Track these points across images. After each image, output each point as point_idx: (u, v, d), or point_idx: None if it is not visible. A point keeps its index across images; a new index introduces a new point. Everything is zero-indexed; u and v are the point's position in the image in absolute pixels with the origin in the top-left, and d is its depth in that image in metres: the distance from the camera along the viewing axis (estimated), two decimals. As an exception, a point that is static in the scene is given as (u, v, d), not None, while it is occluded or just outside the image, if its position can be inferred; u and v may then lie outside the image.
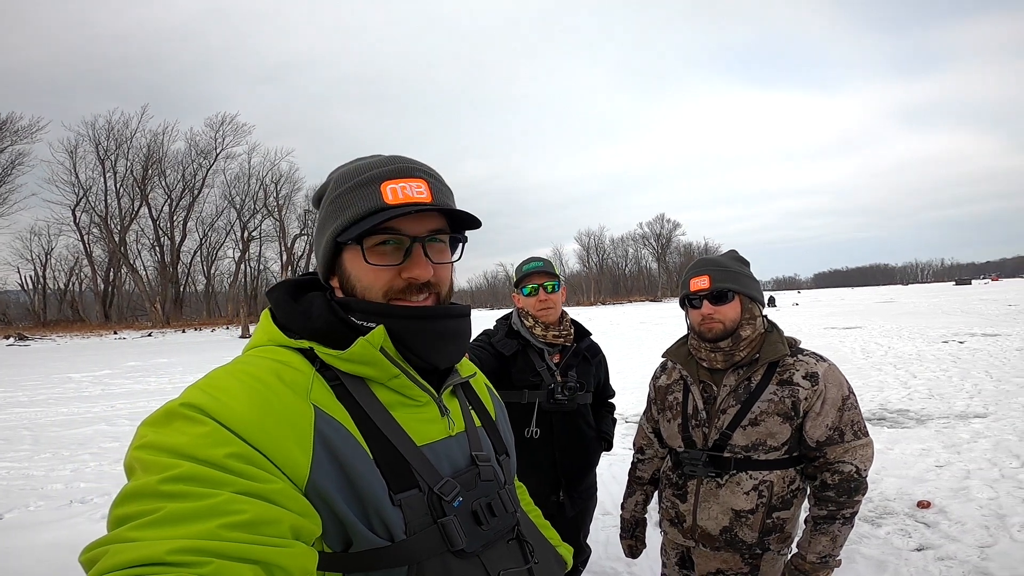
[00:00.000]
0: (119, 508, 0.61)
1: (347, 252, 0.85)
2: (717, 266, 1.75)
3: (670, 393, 1.87)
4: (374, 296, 0.83)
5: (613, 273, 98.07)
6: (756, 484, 1.67)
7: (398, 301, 0.84)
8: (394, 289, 0.84)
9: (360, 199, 0.82)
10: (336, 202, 0.84)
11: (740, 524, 1.68)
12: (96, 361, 17.18)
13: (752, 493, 1.67)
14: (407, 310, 0.83)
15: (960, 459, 4.86)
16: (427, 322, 0.84)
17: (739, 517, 1.68)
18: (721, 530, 1.70)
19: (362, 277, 0.84)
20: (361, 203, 0.82)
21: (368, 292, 0.84)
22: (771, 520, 1.67)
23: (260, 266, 50.03)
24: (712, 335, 1.72)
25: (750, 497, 1.67)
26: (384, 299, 0.83)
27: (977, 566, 3.08)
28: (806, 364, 1.70)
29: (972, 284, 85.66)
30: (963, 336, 13.72)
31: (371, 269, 0.83)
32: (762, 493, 1.67)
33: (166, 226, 43.91)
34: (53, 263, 43.42)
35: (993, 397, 7.09)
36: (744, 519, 1.68)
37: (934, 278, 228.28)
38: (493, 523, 0.85)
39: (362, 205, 0.82)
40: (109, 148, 40.36)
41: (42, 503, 4.60)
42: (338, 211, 0.84)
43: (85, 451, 6.24)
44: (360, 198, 0.82)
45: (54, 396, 10.33)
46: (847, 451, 1.64)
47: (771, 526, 1.68)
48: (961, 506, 3.88)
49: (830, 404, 1.65)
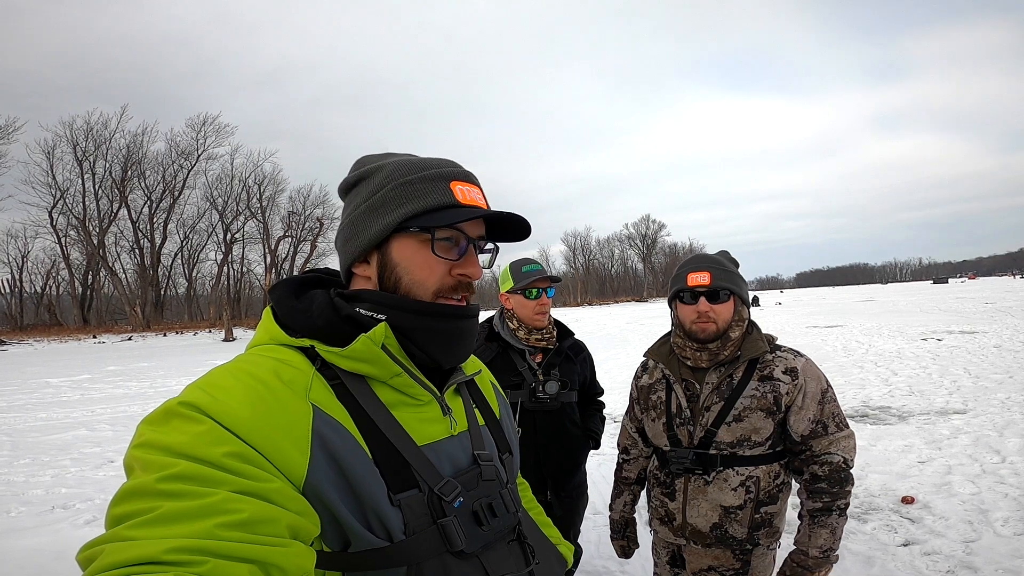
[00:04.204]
0: (117, 507, 0.60)
1: (403, 240, 0.83)
2: (716, 264, 1.74)
3: (653, 392, 1.87)
4: (425, 289, 0.83)
5: (599, 274, 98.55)
6: (743, 480, 1.68)
7: (443, 299, 0.85)
8: (445, 285, 0.84)
9: (434, 192, 0.82)
10: (403, 188, 0.83)
11: (730, 520, 1.69)
12: (75, 366, 16.90)
13: (740, 489, 1.68)
14: (446, 308, 0.84)
15: (942, 455, 4.95)
16: (457, 321, 0.85)
17: (728, 513, 1.69)
18: (711, 527, 1.71)
19: (418, 268, 0.83)
20: (435, 195, 0.82)
21: (418, 285, 0.83)
22: (759, 515, 1.69)
23: (243, 268, 49.52)
24: (705, 335, 1.71)
25: (738, 493, 1.68)
26: (434, 293, 0.84)
27: (963, 560, 3.14)
28: (785, 360, 1.72)
29: (949, 283, 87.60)
30: (941, 334, 14.00)
31: (434, 261, 0.83)
32: (749, 488, 1.68)
33: (146, 228, 43.22)
34: (30, 266, 42.68)
35: (972, 393, 7.23)
36: (733, 515, 1.69)
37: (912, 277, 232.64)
38: (494, 523, 0.84)
39: (437, 197, 0.82)
40: (87, 149, 39.60)
41: (23, 509, 4.53)
42: (406, 198, 0.82)
43: (66, 456, 6.13)
44: (433, 191, 0.82)
45: (32, 401, 10.14)
46: (832, 443, 1.66)
47: (759, 521, 1.69)
48: (944, 501, 3.95)
49: (810, 398, 1.68)
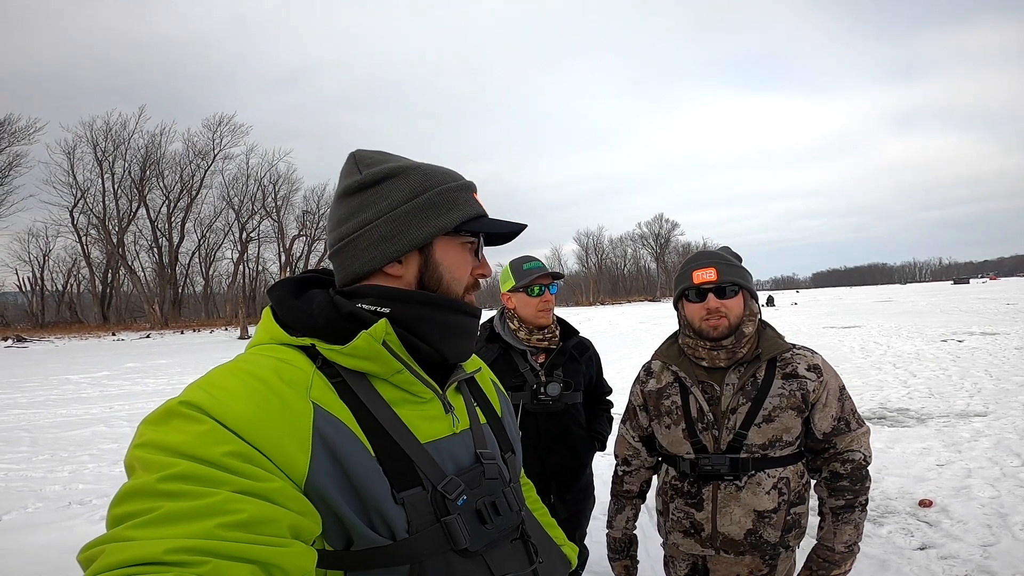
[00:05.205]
0: (117, 507, 0.60)
1: (445, 242, 0.89)
2: (721, 259, 1.70)
3: (665, 397, 1.76)
4: (460, 286, 0.90)
5: (612, 273, 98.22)
6: (775, 482, 1.63)
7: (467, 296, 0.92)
8: (469, 284, 0.92)
9: (471, 201, 0.90)
10: (448, 195, 0.88)
11: (764, 525, 1.63)
12: (94, 363, 17.18)
13: (773, 492, 1.63)
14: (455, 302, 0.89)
15: (961, 458, 4.86)
16: (464, 316, 0.90)
17: (762, 518, 1.63)
18: (746, 533, 1.64)
19: (457, 268, 0.90)
20: (474, 204, 0.90)
21: (456, 283, 0.90)
22: (790, 516, 1.65)
23: (258, 267, 50.04)
24: (717, 333, 1.65)
25: (772, 496, 1.63)
26: (464, 290, 0.91)
27: (980, 565, 3.08)
28: (805, 357, 1.69)
29: (970, 283, 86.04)
30: (962, 335, 13.76)
31: (465, 261, 0.91)
32: (782, 491, 1.63)
33: (164, 227, 43.88)
34: (51, 264, 43.53)
35: (993, 396, 7.10)
36: (767, 519, 1.63)
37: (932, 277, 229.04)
38: (497, 522, 0.84)
39: (475, 206, 0.90)
40: (107, 149, 40.36)
41: (40, 504, 4.60)
42: (453, 204, 0.88)
43: (84, 452, 6.23)
44: (471, 200, 0.90)
45: (52, 398, 10.33)
46: (854, 439, 1.65)
47: (791, 522, 1.65)
48: (963, 505, 3.88)
49: (832, 395, 1.66)
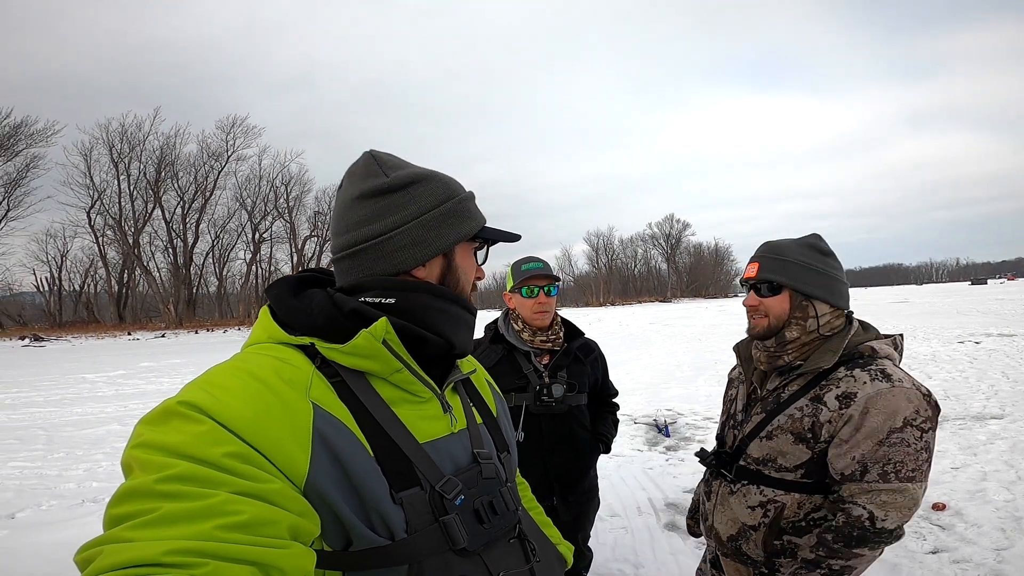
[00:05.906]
0: (115, 507, 0.60)
1: (464, 247, 0.95)
2: (774, 252, 1.59)
3: (731, 387, 1.84)
4: (470, 285, 0.97)
5: (622, 274, 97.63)
6: (763, 501, 1.53)
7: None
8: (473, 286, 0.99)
9: (477, 211, 0.96)
10: (466, 204, 0.94)
11: (745, 538, 1.57)
12: (110, 362, 17.37)
13: (757, 509, 1.54)
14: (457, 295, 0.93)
15: (976, 461, 4.79)
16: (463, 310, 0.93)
17: (744, 531, 1.57)
18: (728, 538, 1.62)
19: (470, 270, 0.96)
20: (480, 214, 0.96)
21: (469, 283, 0.96)
22: (780, 542, 1.52)
23: (271, 267, 50.36)
24: (756, 331, 1.60)
25: (754, 513, 1.55)
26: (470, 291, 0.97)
27: (993, 569, 3.03)
28: (855, 381, 1.44)
29: (988, 284, 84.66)
30: (979, 336, 13.53)
31: (472, 265, 0.97)
32: (768, 512, 1.52)
33: (179, 228, 44.23)
34: (68, 265, 43.83)
35: (1010, 398, 6.98)
36: (747, 534, 1.56)
37: (949, 278, 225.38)
38: (495, 521, 0.85)
39: (481, 216, 0.96)
40: (123, 151, 40.68)
41: (54, 502, 4.65)
42: (471, 213, 0.94)
43: (98, 451, 6.30)
44: (477, 210, 0.96)
45: (69, 396, 10.45)
46: (864, 492, 1.38)
47: (779, 548, 1.52)
48: (977, 508, 3.82)
49: (865, 433, 1.39)
